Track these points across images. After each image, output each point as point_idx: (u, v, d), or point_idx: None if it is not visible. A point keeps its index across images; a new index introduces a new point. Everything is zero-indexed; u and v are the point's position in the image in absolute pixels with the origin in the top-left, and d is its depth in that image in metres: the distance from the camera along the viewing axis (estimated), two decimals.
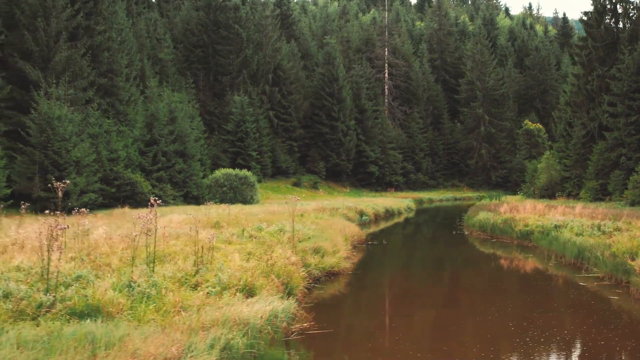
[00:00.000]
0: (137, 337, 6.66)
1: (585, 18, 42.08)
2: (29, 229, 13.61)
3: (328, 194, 48.38)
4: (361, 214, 28.63)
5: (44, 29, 29.50)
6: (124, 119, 31.95)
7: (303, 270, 11.60)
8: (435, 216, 38.32)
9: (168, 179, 31.31)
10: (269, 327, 7.89)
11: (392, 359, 7.52)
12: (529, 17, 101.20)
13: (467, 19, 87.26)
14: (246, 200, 34.33)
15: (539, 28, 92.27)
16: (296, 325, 8.68)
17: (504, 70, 67.89)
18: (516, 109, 67.87)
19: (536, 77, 71.32)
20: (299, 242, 15.52)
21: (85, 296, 7.70)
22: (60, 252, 8.09)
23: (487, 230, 22.93)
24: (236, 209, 29.17)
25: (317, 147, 52.36)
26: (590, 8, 41.49)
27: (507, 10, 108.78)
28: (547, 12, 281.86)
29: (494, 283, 14.04)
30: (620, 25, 41.17)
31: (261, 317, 7.93)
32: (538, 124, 67.47)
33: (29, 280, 8.62)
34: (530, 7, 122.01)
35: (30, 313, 7.34)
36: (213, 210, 25.07)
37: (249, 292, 9.15)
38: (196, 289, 9.18)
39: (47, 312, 7.41)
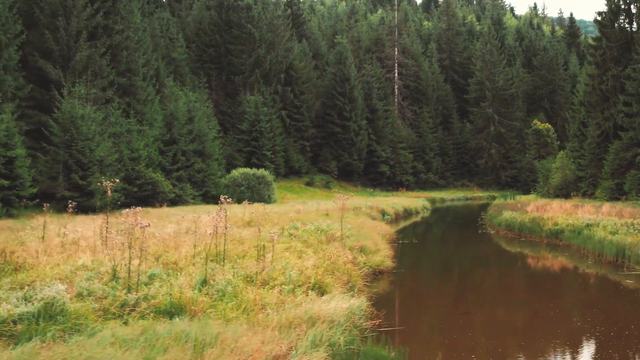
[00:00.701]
0: (230, 335, 6.62)
1: (599, 18, 42.11)
2: (78, 228, 13.59)
3: (340, 193, 48.32)
4: (383, 213, 28.62)
5: (65, 28, 29.49)
6: (142, 119, 31.91)
7: (356, 268, 11.59)
8: (452, 215, 38.34)
9: (187, 179, 31.28)
10: (349, 325, 7.87)
11: (480, 354, 7.51)
12: (535, 18, 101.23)
13: (474, 19, 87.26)
14: (263, 200, 34.26)
15: (545, 28, 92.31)
16: (368, 323, 8.65)
17: (512, 70, 67.89)
18: (525, 109, 67.88)
19: (544, 77, 71.32)
20: (333, 241, 15.51)
21: (170, 295, 7.67)
22: (145, 251, 8.07)
23: (515, 229, 22.91)
24: (259, 208, 29.18)
25: (328, 146, 52.35)
26: (604, 8, 41.48)
27: (512, 10, 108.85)
28: (551, 13, 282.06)
29: (539, 280, 14.01)
30: (635, 25, 41.20)
31: (341, 314, 7.91)
32: (547, 124, 67.54)
33: (104, 279, 8.60)
34: (535, 7, 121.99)
35: (115, 312, 7.31)
36: (238, 210, 25.08)
37: (320, 289, 9.13)
38: (264, 287, 9.16)
39: (131, 310, 7.37)
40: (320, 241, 15.11)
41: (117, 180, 19.58)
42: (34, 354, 5.78)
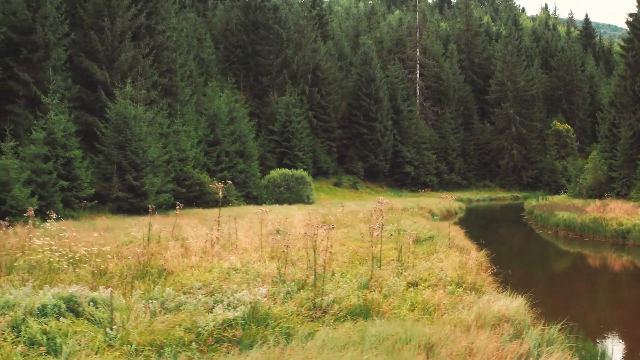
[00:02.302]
0: (443, 336, 6.49)
1: (630, 19, 42.27)
2: (187, 229, 13.44)
3: (367, 194, 48.25)
4: (432, 213, 28.52)
5: (110, 28, 29.33)
6: (185, 120, 31.76)
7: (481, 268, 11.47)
8: (489, 215, 38.28)
9: (230, 179, 31.11)
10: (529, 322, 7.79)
11: None
12: (551, 19, 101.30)
13: (489, 19, 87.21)
14: (302, 200, 34.19)
15: (561, 29, 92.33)
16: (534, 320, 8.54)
17: (532, 70, 67.87)
18: (544, 110, 67.89)
19: (562, 78, 71.26)
20: (421, 241, 15.38)
21: (358, 296, 7.56)
22: (330, 253, 7.93)
23: (575, 229, 22.83)
24: (304, 208, 29.05)
25: (355, 147, 52.24)
26: (635, 10, 41.59)
27: (523, 11, 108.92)
28: (562, 14, 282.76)
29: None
30: None
31: (522, 312, 7.85)
32: (566, 124, 67.54)
33: (266, 281, 8.47)
34: (546, 7, 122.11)
35: (305, 314, 7.19)
36: (297, 211, 24.95)
37: (476, 289, 9.02)
38: (414, 287, 9.03)
39: (324, 313, 7.25)
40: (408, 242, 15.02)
41: (229, 182, 19.50)
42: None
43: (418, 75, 62.51)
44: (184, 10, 48.48)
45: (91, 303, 6.57)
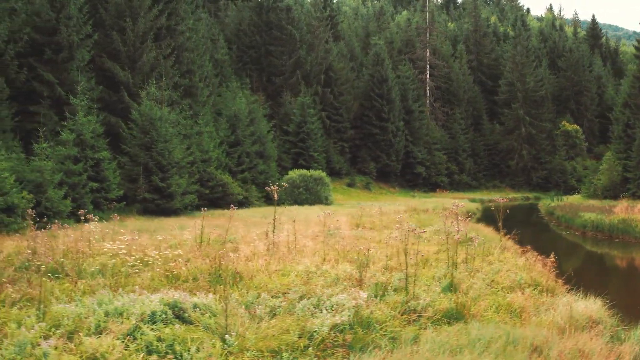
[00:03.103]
0: (539, 338, 6.46)
1: None
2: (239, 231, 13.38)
3: (381, 194, 48.23)
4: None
5: (132, 29, 29.26)
6: (207, 120, 31.69)
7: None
8: (508, 216, 38.10)
9: (251, 180, 31.10)
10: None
11: None
12: (558, 20, 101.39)
13: (496, 20, 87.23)
14: (321, 201, 34.15)
15: (567, 29, 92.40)
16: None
17: (540, 71, 67.90)
18: (553, 111, 67.96)
19: (570, 79, 71.31)
20: (462, 242, 15.35)
21: (449, 299, 7.54)
22: (421, 256, 7.90)
23: (604, 230, 22.83)
24: (327, 209, 29.00)
25: (367, 148, 52.22)
26: None
27: (528, 11, 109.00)
28: (567, 15, 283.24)
29: None
30: None
31: (604, 314, 7.86)
32: (574, 125, 67.60)
33: (345, 284, 8.42)
34: (551, 8, 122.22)
35: (399, 317, 7.15)
36: (317, 212, 24.84)
37: (548, 291, 9.01)
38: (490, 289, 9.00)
39: (419, 316, 7.22)
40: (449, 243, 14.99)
41: (285, 185, 19.45)
42: None
43: (428, 76, 62.52)
44: (197, 11, 48.41)
45: (195, 309, 6.53)
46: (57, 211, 18.56)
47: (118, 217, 15.39)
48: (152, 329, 5.86)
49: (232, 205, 25.30)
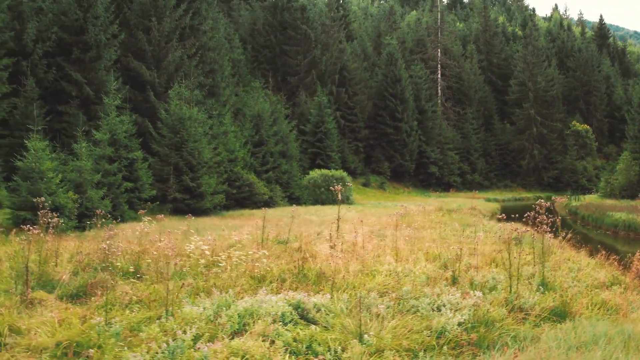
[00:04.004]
0: None
1: None
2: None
3: (396, 194, 48.23)
4: (482, 213, 28.55)
5: (157, 28, 29.25)
6: (227, 120, 31.68)
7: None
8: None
9: (275, 180, 31.10)
10: None
11: None
12: (565, 20, 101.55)
13: (505, 20, 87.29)
14: (343, 201, 34.12)
15: (575, 29, 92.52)
16: None
17: (551, 71, 68.01)
18: (564, 110, 68.10)
19: (579, 79, 71.43)
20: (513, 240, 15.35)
21: (554, 298, 7.55)
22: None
23: (637, 229, 22.86)
24: (354, 209, 29.01)
25: (381, 147, 52.23)
26: None
27: (533, 12, 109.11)
28: (572, 15, 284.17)
29: None
30: None
31: None
32: (584, 125, 67.74)
33: (440, 283, 8.43)
34: (556, 8, 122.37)
35: (508, 315, 7.16)
36: (349, 212, 24.91)
37: (634, 289, 9.04)
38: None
39: (526, 314, 7.23)
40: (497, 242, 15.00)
41: (349, 184, 19.41)
42: None
43: (439, 76, 62.55)
44: (212, 10, 48.37)
45: (315, 309, 6.53)
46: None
47: (163, 216, 15.36)
48: (287, 330, 5.86)
49: (261, 205, 25.30)
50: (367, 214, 27.45)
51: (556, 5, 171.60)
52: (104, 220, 14.27)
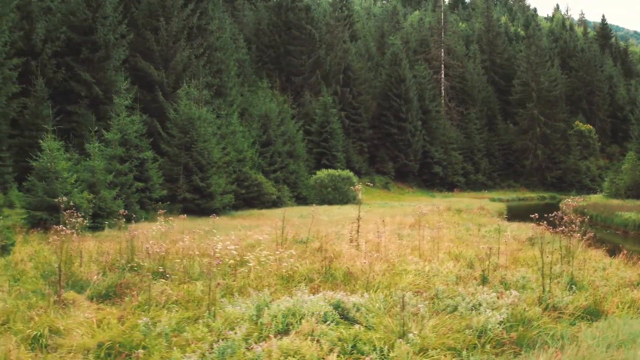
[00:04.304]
0: None
1: None
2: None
3: (401, 194, 48.25)
4: (490, 213, 28.58)
5: (165, 28, 29.24)
6: (234, 120, 31.70)
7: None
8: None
9: (282, 180, 31.12)
10: None
11: None
12: (567, 20, 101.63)
13: (507, 20, 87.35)
14: (350, 201, 34.13)
15: (577, 29, 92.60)
16: None
17: (555, 71, 68.06)
18: (567, 110, 68.15)
19: (582, 79, 71.47)
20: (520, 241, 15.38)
21: (587, 297, 7.58)
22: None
23: None
24: (363, 209, 29.00)
25: (385, 147, 52.26)
26: None
27: (535, 12, 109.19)
28: (573, 15, 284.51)
29: None
30: None
31: None
32: (587, 125, 67.81)
33: (468, 284, 8.45)
34: (557, 8, 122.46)
35: (542, 313, 7.17)
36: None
37: None
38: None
39: (560, 313, 7.25)
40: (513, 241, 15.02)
41: (370, 184, 19.44)
42: None
43: (443, 76, 62.60)
44: (218, 10, 48.38)
45: (356, 308, 6.54)
46: (110, 211, 18.53)
47: (184, 217, 15.38)
48: (330, 329, 5.88)
49: (269, 205, 25.26)
50: (376, 214, 27.36)
51: (558, 5, 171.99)
52: (125, 220, 14.25)
